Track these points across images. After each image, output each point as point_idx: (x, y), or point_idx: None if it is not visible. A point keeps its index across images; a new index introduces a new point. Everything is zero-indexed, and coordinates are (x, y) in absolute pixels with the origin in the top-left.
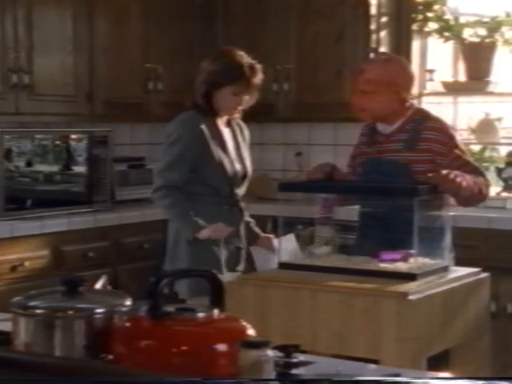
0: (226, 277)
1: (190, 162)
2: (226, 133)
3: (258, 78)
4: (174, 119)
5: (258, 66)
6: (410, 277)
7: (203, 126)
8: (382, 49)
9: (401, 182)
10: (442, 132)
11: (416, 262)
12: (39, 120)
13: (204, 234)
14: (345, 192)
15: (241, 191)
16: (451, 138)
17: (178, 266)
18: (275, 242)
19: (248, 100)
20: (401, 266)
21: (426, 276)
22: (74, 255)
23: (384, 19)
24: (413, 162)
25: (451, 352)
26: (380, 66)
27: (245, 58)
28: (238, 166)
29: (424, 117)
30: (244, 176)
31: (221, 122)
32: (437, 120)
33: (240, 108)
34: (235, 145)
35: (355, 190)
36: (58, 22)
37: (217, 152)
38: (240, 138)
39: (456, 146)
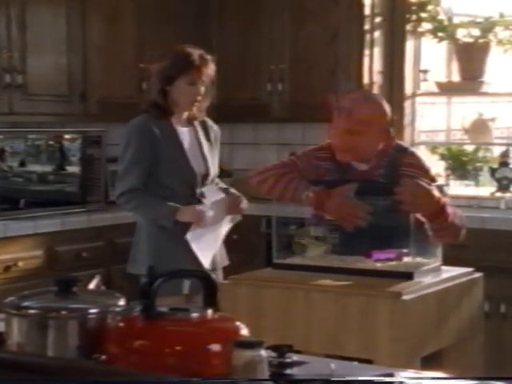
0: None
1: (145, 164)
2: (185, 132)
3: (211, 68)
4: (126, 125)
5: (209, 57)
6: (407, 276)
7: (154, 128)
8: (376, 49)
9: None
10: (419, 169)
11: (411, 260)
12: (33, 120)
13: (184, 216)
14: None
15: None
16: (427, 174)
17: (139, 268)
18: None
19: (204, 93)
20: (396, 265)
21: (422, 275)
22: (67, 255)
23: (378, 20)
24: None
25: (445, 352)
26: (370, 105)
27: (193, 49)
28: (196, 166)
29: (398, 150)
30: (206, 175)
31: (178, 122)
32: (412, 154)
33: (198, 100)
34: (197, 144)
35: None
36: (51, 22)
37: (170, 153)
38: (203, 138)
39: (432, 181)
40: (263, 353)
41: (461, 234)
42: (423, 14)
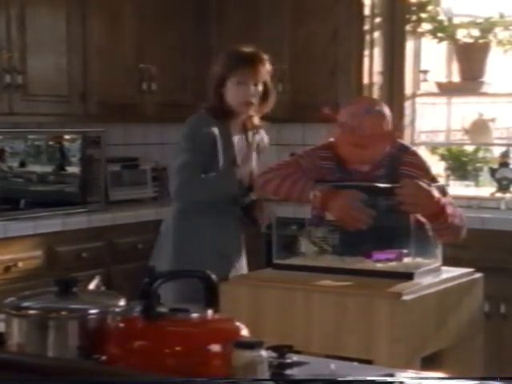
0: None
1: (202, 163)
2: (238, 140)
3: (265, 67)
4: (187, 121)
5: (264, 56)
6: (407, 276)
7: (215, 129)
8: (376, 50)
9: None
10: (420, 168)
11: (411, 261)
12: (32, 120)
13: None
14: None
15: (246, 201)
16: (427, 173)
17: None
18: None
19: (262, 96)
20: (396, 266)
21: (423, 275)
22: (67, 256)
23: (378, 20)
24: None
25: (445, 352)
26: (372, 120)
27: (246, 48)
28: (243, 178)
29: (400, 149)
30: (251, 187)
31: (234, 128)
32: (413, 154)
33: (251, 101)
34: (246, 153)
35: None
36: (51, 22)
37: (224, 159)
38: (252, 147)
39: (432, 180)
40: (263, 353)
41: (461, 233)
42: (423, 15)
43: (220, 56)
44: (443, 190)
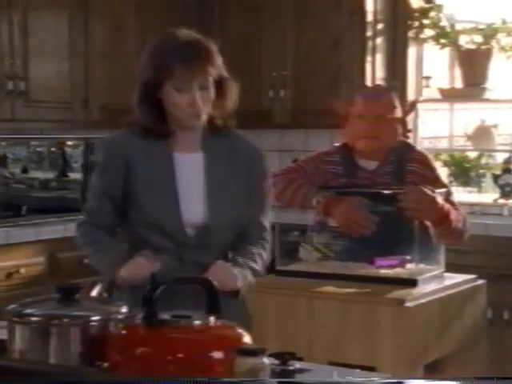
0: None
1: (115, 196)
2: (186, 161)
3: (215, 59)
4: (102, 142)
5: (211, 45)
6: (410, 282)
7: (136, 150)
8: (379, 56)
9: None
10: (426, 165)
11: (414, 267)
12: (35, 126)
13: (123, 272)
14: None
15: (203, 248)
16: (433, 171)
17: None
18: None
19: (210, 97)
20: (399, 272)
21: (426, 282)
22: (69, 262)
23: (380, 26)
24: None
25: (447, 359)
26: (391, 93)
27: (184, 34)
28: (189, 213)
29: (406, 147)
30: (205, 228)
31: (180, 144)
32: (419, 152)
33: (201, 112)
34: (201, 180)
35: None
36: (53, 28)
37: (148, 189)
38: (221, 169)
39: (437, 179)
40: (266, 360)
41: (464, 236)
42: (426, 21)
43: (146, 50)
44: (448, 193)
